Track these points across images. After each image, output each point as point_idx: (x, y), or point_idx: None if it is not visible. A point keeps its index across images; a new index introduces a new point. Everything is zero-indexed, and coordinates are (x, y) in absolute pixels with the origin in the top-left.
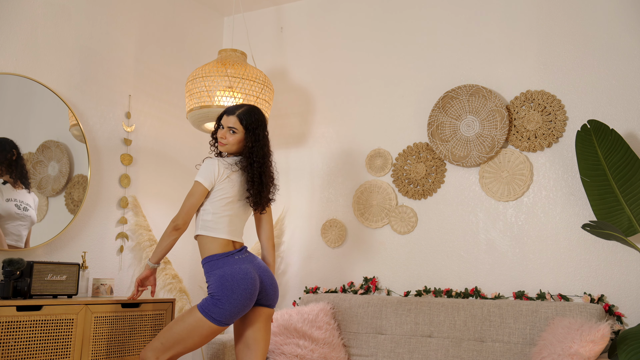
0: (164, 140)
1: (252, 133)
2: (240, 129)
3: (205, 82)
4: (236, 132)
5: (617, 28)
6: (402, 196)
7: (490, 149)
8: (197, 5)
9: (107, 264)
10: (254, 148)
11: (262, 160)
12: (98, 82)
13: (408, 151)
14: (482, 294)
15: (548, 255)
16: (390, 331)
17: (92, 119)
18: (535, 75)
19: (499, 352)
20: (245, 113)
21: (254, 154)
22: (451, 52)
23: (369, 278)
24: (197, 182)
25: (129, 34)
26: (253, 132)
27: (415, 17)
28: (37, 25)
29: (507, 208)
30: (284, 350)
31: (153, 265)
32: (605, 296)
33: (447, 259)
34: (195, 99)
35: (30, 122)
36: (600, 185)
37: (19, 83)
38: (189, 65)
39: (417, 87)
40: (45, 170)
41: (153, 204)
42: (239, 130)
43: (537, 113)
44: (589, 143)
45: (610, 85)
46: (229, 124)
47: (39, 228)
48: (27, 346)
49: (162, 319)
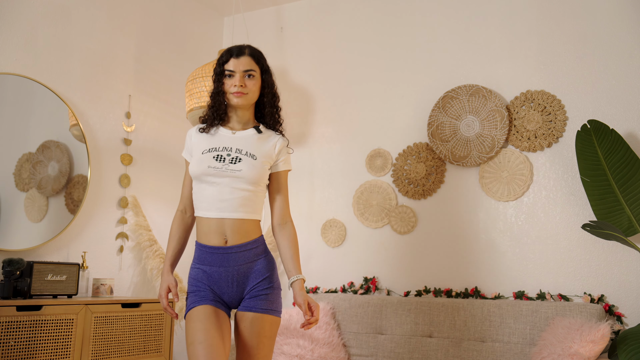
0: (164, 140)
1: (268, 75)
2: (258, 70)
3: (205, 82)
4: (254, 76)
5: (617, 28)
6: (402, 196)
7: (490, 149)
8: (197, 5)
9: (107, 264)
10: (275, 97)
11: (279, 111)
12: (98, 82)
13: (408, 151)
14: (482, 294)
15: (548, 255)
16: (390, 331)
17: (92, 119)
18: (535, 75)
19: (499, 352)
20: (256, 50)
21: (275, 104)
22: (451, 52)
23: (369, 278)
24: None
25: (129, 34)
26: (267, 72)
27: (416, 17)
28: (37, 25)
29: (507, 208)
30: (284, 350)
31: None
32: (605, 296)
33: (447, 259)
34: (195, 99)
35: (30, 122)
36: (600, 185)
37: (19, 83)
38: (189, 65)
39: (417, 87)
40: (45, 170)
41: (153, 204)
42: (257, 72)
43: (537, 113)
44: (589, 143)
45: (610, 85)
46: (243, 67)
47: (39, 228)
48: (27, 346)
49: (162, 319)
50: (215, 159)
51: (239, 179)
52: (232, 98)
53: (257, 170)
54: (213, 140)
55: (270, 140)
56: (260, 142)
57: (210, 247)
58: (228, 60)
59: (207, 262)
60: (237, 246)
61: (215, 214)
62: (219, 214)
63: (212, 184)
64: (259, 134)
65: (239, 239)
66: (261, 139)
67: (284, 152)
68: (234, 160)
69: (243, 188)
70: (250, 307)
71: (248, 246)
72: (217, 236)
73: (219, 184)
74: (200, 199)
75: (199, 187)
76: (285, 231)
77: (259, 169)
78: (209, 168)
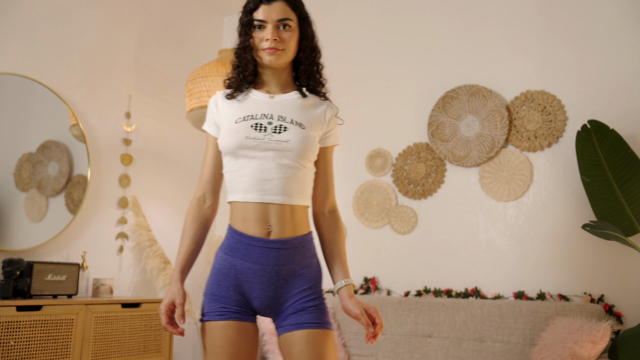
0: (164, 140)
1: (307, 24)
2: (295, 19)
3: (205, 82)
4: (290, 26)
5: (617, 28)
6: (402, 196)
7: (490, 149)
8: (197, 5)
9: (107, 264)
10: (315, 52)
11: (321, 69)
12: (98, 82)
13: (408, 151)
14: (482, 294)
15: (548, 255)
16: (390, 331)
17: (92, 119)
18: (535, 75)
19: (499, 352)
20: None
21: (315, 60)
22: (451, 52)
23: (369, 278)
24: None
25: (129, 34)
26: (306, 21)
27: (415, 16)
28: (37, 25)
29: (507, 208)
30: None
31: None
32: (605, 296)
33: (447, 259)
34: (195, 99)
35: (30, 122)
36: (600, 185)
37: (19, 83)
38: (189, 65)
39: (417, 87)
40: (45, 170)
41: (153, 204)
42: (294, 21)
43: (537, 113)
44: (589, 143)
45: (610, 85)
46: (277, 16)
47: (39, 228)
48: (27, 346)
49: None
50: (255, 128)
51: (287, 152)
52: (264, 56)
53: (307, 142)
54: (247, 106)
55: (318, 107)
56: (305, 108)
57: (247, 237)
58: (257, 7)
59: (240, 255)
60: (283, 241)
61: (257, 196)
62: (261, 197)
63: (251, 159)
64: (304, 98)
65: (287, 231)
66: (306, 104)
67: (333, 122)
68: (277, 129)
69: (291, 165)
70: (300, 323)
71: (294, 243)
72: (258, 225)
73: (261, 158)
74: (237, 179)
75: (234, 165)
76: (332, 221)
77: (309, 140)
78: (247, 139)
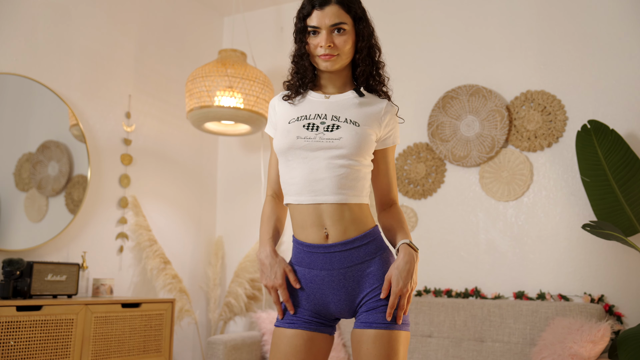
0: (164, 140)
1: (363, 24)
2: (350, 21)
3: (205, 82)
4: (345, 30)
5: (617, 28)
6: (402, 196)
7: (490, 149)
8: (197, 5)
9: (107, 264)
10: (372, 50)
11: (381, 68)
12: (98, 82)
13: (408, 151)
14: (482, 294)
15: (548, 255)
16: None
17: (92, 119)
18: (535, 75)
19: (499, 352)
20: None
21: (373, 59)
22: (451, 52)
23: None
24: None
25: (129, 34)
26: (362, 20)
27: (415, 16)
28: (37, 25)
29: (507, 208)
30: None
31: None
32: (605, 296)
33: (447, 259)
34: (196, 99)
35: (30, 122)
36: (600, 185)
37: (19, 83)
38: (189, 65)
39: (417, 87)
40: (45, 170)
41: (153, 204)
42: (349, 24)
43: (537, 113)
44: (589, 143)
45: (610, 85)
46: (330, 21)
47: (39, 228)
48: (27, 346)
49: (162, 319)
50: (306, 128)
51: (338, 149)
52: (319, 62)
53: (362, 139)
54: (302, 107)
55: (376, 106)
56: (362, 107)
57: (308, 245)
58: (310, 13)
59: (307, 264)
60: (343, 242)
61: (309, 198)
62: (313, 198)
63: (303, 159)
64: (361, 98)
65: (343, 232)
66: (363, 103)
67: (393, 121)
68: (329, 128)
69: (343, 163)
70: (369, 322)
71: (356, 242)
72: (315, 230)
73: (313, 158)
74: (289, 181)
75: (287, 166)
76: (393, 211)
77: (364, 137)
78: (297, 139)
